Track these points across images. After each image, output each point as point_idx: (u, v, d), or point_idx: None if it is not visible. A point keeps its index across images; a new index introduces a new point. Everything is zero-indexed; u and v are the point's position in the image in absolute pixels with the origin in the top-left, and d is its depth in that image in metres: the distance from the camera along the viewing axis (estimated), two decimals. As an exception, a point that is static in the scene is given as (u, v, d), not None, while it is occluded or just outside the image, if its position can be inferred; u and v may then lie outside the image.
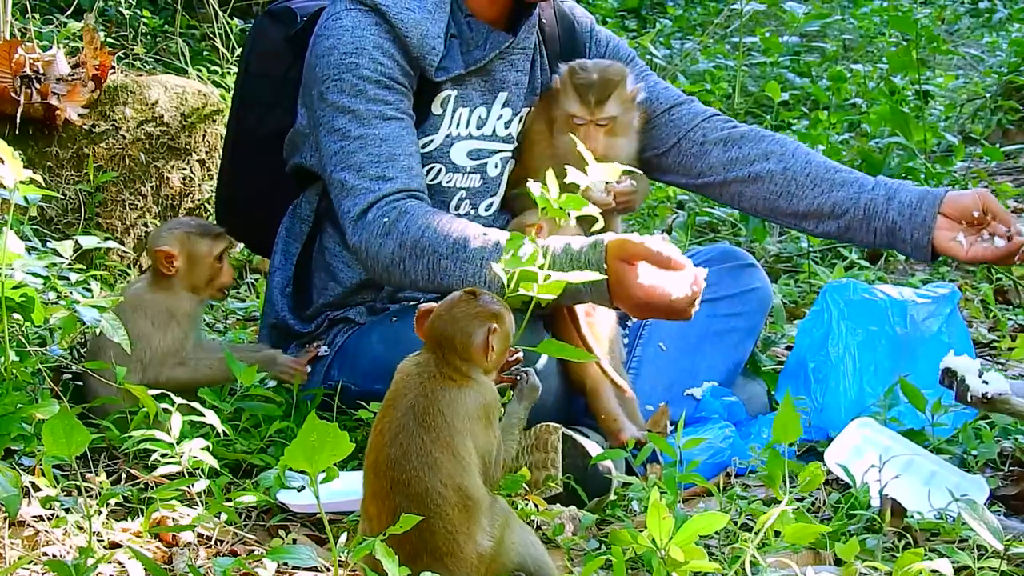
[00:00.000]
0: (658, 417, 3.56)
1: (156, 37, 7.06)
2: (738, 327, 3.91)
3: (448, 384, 2.56)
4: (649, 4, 11.06)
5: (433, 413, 2.52)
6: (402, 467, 2.48)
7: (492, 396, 2.60)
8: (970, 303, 5.12)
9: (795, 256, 5.73)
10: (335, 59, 3.55)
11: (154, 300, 3.62)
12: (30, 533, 2.79)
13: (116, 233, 4.99)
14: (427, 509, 2.45)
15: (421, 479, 2.47)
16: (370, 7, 3.57)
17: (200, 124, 5.21)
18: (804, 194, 3.78)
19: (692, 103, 3.99)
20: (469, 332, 2.59)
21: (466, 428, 2.53)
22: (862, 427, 3.48)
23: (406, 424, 2.51)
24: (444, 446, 2.49)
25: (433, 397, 2.53)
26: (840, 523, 3.03)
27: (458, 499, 2.48)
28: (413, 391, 2.55)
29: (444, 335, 2.60)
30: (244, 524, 3.05)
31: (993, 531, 2.71)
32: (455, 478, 2.48)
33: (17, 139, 4.70)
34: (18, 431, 3.12)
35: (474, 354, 2.59)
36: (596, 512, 3.19)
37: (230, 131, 4.01)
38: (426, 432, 2.50)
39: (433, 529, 2.46)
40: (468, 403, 2.55)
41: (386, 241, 3.41)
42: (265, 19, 3.94)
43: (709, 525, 2.44)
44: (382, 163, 3.49)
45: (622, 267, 3.15)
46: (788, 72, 8.65)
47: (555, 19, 3.93)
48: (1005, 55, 9.13)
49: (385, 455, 2.50)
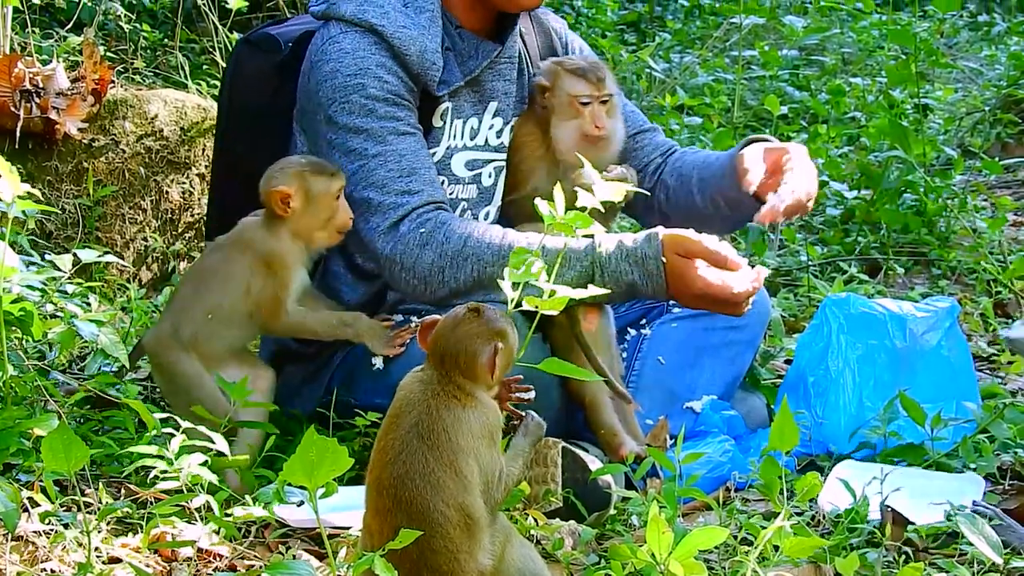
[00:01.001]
0: (657, 431, 3.55)
1: (156, 51, 7.06)
2: (737, 341, 3.91)
3: (452, 403, 2.54)
4: (648, 18, 11.07)
5: (437, 432, 2.50)
6: (405, 485, 2.47)
7: (495, 416, 2.59)
8: (969, 316, 5.12)
9: (794, 270, 5.73)
10: (340, 82, 3.55)
11: (264, 244, 3.48)
12: (29, 549, 2.79)
13: (116, 247, 4.99)
14: (429, 527, 2.45)
15: (424, 497, 2.46)
16: (366, 28, 3.57)
17: (200, 138, 5.21)
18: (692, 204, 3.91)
19: (655, 133, 4.07)
20: (473, 351, 2.57)
21: (470, 447, 2.51)
22: (845, 468, 3.47)
23: (409, 442, 2.50)
24: (447, 465, 2.48)
25: (437, 416, 2.52)
26: (840, 537, 3.02)
27: (460, 518, 2.47)
28: (417, 409, 2.53)
29: (447, 352, 2.58)
30: (243, 539, 3.04)
31: (992, 545, 2.71)
32: (457, 497, 2.47)
33: (17, 153, 4.71)
34: (17, 446, 3.12)
35: (478, 373, 2.57)
36: (596, 527, 3.19)
37: (217, 166, 3.96)
38: (430, 451, 2.49)
39: (434, 548, 2.46)
40: (472, 423, 2.53)
41: (424, 252, 3.45)
42: (244, 48, 3.88)
43: (709, 540, 2.44)
44: (405, 177, 3.52)
45: (682, 261, 3.34)
46: (787, 86, 8.65)
47: (532, 26, 3.96)
48: (1004, 69, 9.14)
49: (388, 473, 2.49)
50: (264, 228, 3.50)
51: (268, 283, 3.46)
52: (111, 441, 3.41)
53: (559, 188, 2.82)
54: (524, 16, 3.91)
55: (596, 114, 3.72)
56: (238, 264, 3.48)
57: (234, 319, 3.48)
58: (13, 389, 3.34)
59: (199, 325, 3.44)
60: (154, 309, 4.70)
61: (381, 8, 3.59)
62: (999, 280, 5.42)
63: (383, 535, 2.46)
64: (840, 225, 6.21)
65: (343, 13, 3.60)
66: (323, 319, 3.52)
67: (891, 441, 3.63)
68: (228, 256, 3.49)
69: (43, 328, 3.49)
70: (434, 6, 3.64)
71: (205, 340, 3.45)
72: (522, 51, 3.89)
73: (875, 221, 6.03)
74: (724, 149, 6.68)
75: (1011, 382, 4.44)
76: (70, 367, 4.11)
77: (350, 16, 3.59)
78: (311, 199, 3.47)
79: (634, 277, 3.38)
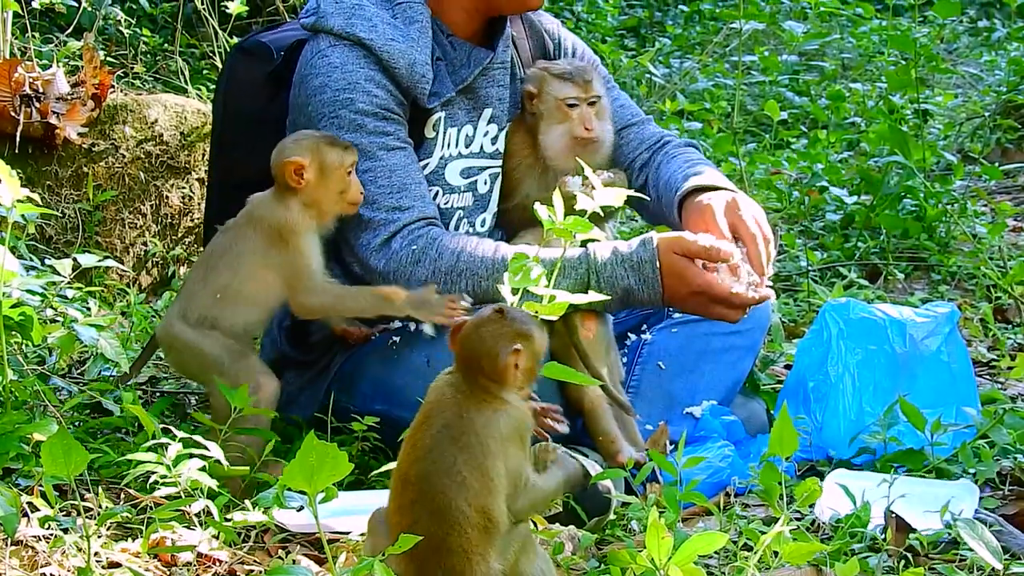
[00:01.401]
0: (657, 436, 3.55)
1: (156, 56, 7.07)
2: (737, 346, 3.91)
3: (482, 406, 2.53)
4: (648, 23, 11.09)
5: (467, 433, 2.50)
6: (430, 482, 2.47)
7: (525, 418, 2.58)
8: (969, 322, 5.11)
9: (794, 275, 5.73)
10: (328, 97, 3.55)
11: (274, 216, 3.42)
12: (29, 553, 2.79)
13: (115, 252, 4.99)
14: (447, 525, 2.45)
15: (447, 495, 2.46)
16: (355, 42, 3.57)
17: (199, 143, 5.21)
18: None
19: (643, 126, 4.02)
20: (495, 353, 2.55)
21: (499, 450, 2.50)
22: (838, 476, 3.46)
23: (439, 442, 2.50)
24: (475, 467, 2.48)
25: (468, 417, 2.51)
26: (841, 542, 3.02)
27: (480, 520, 2.47)
28: (448, 410, 2.53)
29: (472, 354, 2.57)
30: (243, 544, 3.04)
31: (992, 550, 2.71)
32: (480, 499, 2.47)
33: (17, 158, 4.71)
34: (16, 450, 3.12)
35: (501, 374, 2.55)
36: (596, 532, 3.19)
37: (212, 176, 3.96)
38: (459, 451, 2.48)
39: (450, 547, 2.45)
40: (501, 425, 2.52)
41: (417, 269, 3.48)
42: (239, 56, 3.87)
43: (708, 544, 2.44)
44: (395, 193, 3.53)
45: (680, 260, 3.37)
46: (787, 91, 8.66)
47: (524, 30, 3.96)
48: (1004, 74, 9.14)
49: (415, 469, 2.49)
50: (274, 201, 3.44)
51: (284, 256, 3.39)
52: (109, 448, 3.40)
53: (558, 194, 2.83)
54: (515, 20, 3.91)
55: (585, 116, 3.72)
56: (248, 241, 3.42)
57: (241, 299, 3.42)
58: (13, 394, 3.34)
59: (207, 308, 3.40)
60: (154, 314, 4.70)
61: (369, 21, 3.58)
62: (999, 285, 5.41)
63: (402, 530, 2.45)
64: (840, 230, 6.21)
65: (331, 27, 3.58)
66: (360, 293, 3.46)
67: (891, 446, 3.62)
68: (237, 235, 3.44)
69: (43, 333, 3.48)
70: (424, 16, 3.63)
71: (213, 324, 3.40)
72: (514, 56, 3.88)
73: (875, 226, 6.03)
74: (724, 154, 6.75)
75: (1011, 387, 4.44)
76: (70, 372, 4.11)
77: (338, 30, 3.58)
78: (325, 171, 3.41)
79: (630, 282, 3.39)
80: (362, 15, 3.59)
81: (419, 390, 3.29)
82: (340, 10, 3.59)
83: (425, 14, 3.64)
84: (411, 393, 3.34)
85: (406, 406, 3.35)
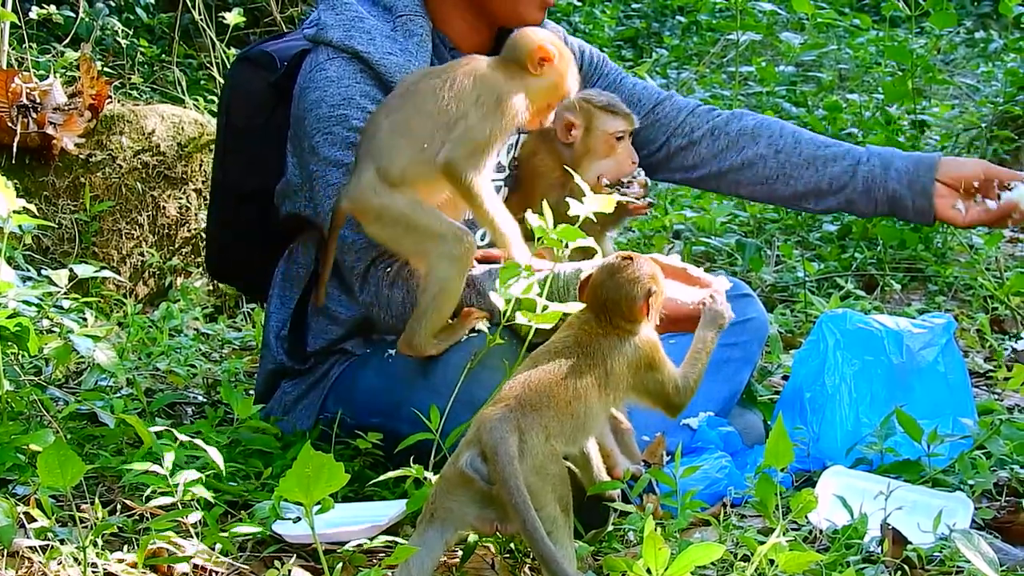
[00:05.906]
0: (654, 447, 3.54)
1: (153, 66, 7.08)
2: (734, 357, 3.90)
3: (611, 333, 2.83)
4: (646, 34, 11.10)
5: (596, 352, 2.79)
6: (552, 375, 2.72)
7: (652, 342, 2.88)
8: (966, 333, 5.12)
9: (791, 286, 5.74)
10: (324, 112, 3.53)
11: (499, 85, 3.36)
12: (25, 564, 2.78)
13: (112, 262, 4.99)
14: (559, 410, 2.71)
15: (567, 389, 2.71)
16: (352, 55, 3.55)
17: (197, 153, 5.22)
18: (800, 174, 3.89)
19: (673, 98, 4.02)
20: (633, 295, 2.83)
21: (623, 374, 2.82)
22: (834, 476, 3.46)
23: (568, 353, 2.77)
24: (596, 381, 2.76)
25: (598, 342, 2.81)
26: (838, 554, 3.02)
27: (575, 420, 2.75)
28: (580, 336, 2.82)
29: (609, 299, 2.84)
30: (239, 555, 3.04)
31: (989, 561, 2.71)
32: (592, 405, 2.76)
33: (13, 168, 4.72)
34: (13, 461, 3.12)
35: (638, 315, 2.84)
36: (592, 544, 3.18)
37: (215, 185, 3.94)
38: (586, 364, 2.77)
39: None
40: (628, 351, 2.83)
41: (393, 292, 3.46)
42: (242, 65, 3.87)
43: (705, 555, 2.44)
44: None
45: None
46: (784, 102, 8.66)
47: None
48: (1000, 85, 9.14)
49: (540, 366, 2.74)
50: (502, 72, 3.41)
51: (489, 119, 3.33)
52: (107, 453, 3.40)
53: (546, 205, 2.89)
54: None
55: (630, 149, 3.75)
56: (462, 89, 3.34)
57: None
58: (9, 404, 3.34)
59: (408, 162, 3.32)
60: (151, 324, 4.70)
61: (368, 34, 3.57)
62: (996, 296, 5.42)
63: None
64: (837, 241, 6.22)
65: (331, 39, 3.57)
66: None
67: (887, 457, 3.62)
68: (446, 81, 3.35)
69: (39, 343, 3.48)
70: (424, 29, 3.61)
71: (414, 177, 3.33)
72: None
73: (872, 237, 6.04)
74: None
75: (1008, 398, 4.44)
76: (66, 382, 4.11)
77: (337, 42, 3.56)
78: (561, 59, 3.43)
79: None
80: (361, 28, 3.58)
81: (415, 403, 3.30)
82: (340, 22, 3.59)
83: (426, 27, 3.62)
84: (407, 406, 3.34)
85: (402, 419, 3.36)
